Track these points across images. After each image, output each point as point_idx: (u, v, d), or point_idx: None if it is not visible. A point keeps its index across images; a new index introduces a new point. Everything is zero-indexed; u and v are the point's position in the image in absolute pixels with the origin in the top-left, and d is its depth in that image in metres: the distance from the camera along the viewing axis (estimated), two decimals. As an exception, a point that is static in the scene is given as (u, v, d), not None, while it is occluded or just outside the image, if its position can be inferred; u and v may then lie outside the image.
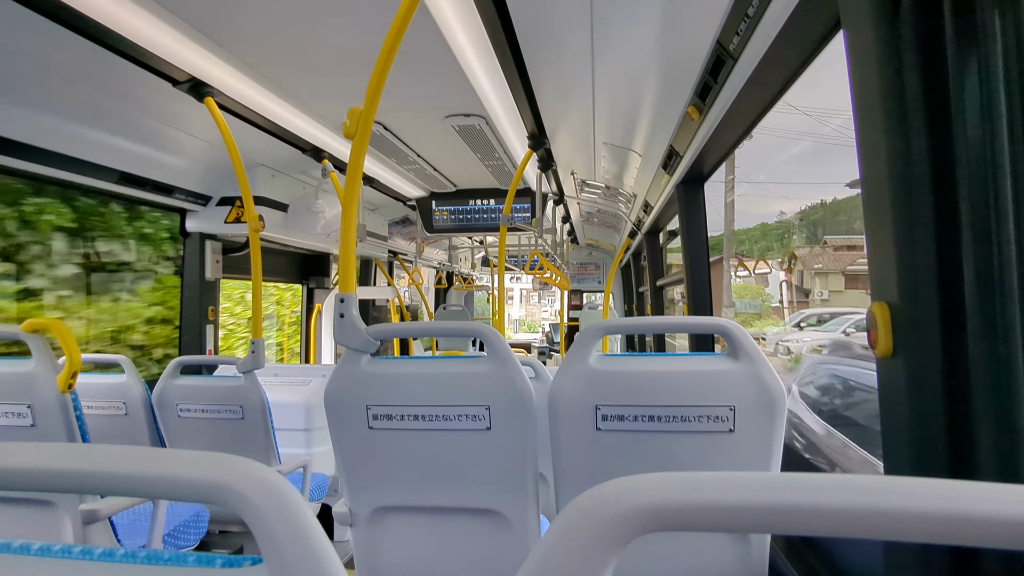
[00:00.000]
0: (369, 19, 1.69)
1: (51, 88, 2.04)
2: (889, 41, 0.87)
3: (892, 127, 0.87)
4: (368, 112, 1.36)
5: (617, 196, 4.27)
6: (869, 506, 0.35)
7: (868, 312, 0.95)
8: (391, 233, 4.93)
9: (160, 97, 2.19)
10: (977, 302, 0.82)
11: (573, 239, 7.23)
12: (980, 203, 0.81)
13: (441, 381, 1.41)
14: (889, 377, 0.93)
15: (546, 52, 1.94)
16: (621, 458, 1.40)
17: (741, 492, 0.37)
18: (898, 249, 0.88)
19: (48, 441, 1.72)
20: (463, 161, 3.35)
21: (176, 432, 2.45)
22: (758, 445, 1.34)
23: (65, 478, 0.43)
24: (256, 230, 2.40)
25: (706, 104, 1.87)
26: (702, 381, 1.35)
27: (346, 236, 1.42)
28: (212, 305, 3.45)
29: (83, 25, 1.64)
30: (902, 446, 0.91)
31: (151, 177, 2.80)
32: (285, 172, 3.42)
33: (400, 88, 2.25)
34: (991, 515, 0.34)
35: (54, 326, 1.68)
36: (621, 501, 0.38)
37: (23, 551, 0.45)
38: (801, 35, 1.28)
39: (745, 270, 15.73)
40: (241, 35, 1.83)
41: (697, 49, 1.69)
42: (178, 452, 0.45)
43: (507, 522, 1.47)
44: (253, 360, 2.34)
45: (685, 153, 2.37)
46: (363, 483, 1.49)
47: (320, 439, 3.12)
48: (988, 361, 0.81)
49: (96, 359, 2.55)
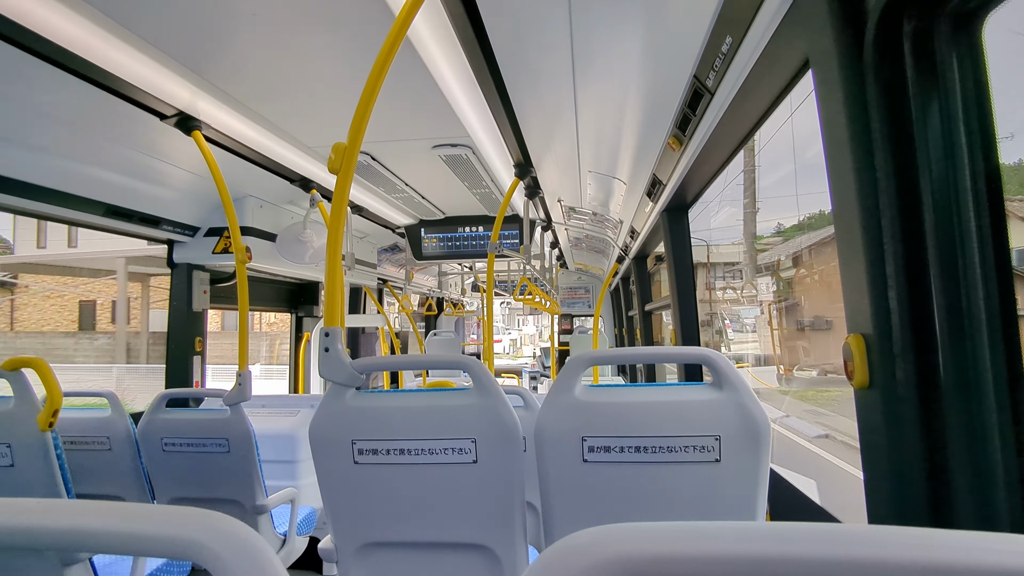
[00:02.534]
0: (355, 53, 1.72)
1: (37, 123, 2.05)
2: (854, 82, 0.90)
3: (860, 163, 0.90)
4: (352, 146, 1.37)
5: (604, 222, 4.31)
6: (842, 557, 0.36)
7: (844, 344, 0.96)
8: (380, 260, 4.93)
9: (147, 130, 2.21)
10: (948, 331, 0.84)
11: (562, 264, 7.27)
12: (946, 233, 0.84)
13: (427, 415, 1.40)
14: (866, 408, 0.94)
15: (529, 83, 1.97)
16: (608, 489, 1.39)
17: (711, 543, 0.38)
18: (871, 281, 0.90)
19: (27, 480, 1.69)
20: (451, 189, 3.38)
21: (160, 467, 2.41)
22: (744, 474, 1.34)
23: (29, 536, 0.43)
24: (243, 261, 2.40)
25: (686, 135, 1.91)
26: (687, 411, 1.35)
27: (332, 269, 1.43)
28: (199, 336, 3.43)
29: (69, 62, 1.66)
30: (882, 474, 0.92)
31: (138, 209, 2.80)
32: (273, 202, 3.43)
33: (387, 119, 2.28)
34: (966, 565, 0.35)
35: (35, 364, 1.66)
36: (593, 552, 0.38)
37: None
38: (773, 72, 1.31)
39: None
40: (228, 70, 1.86)
41: (675, 82, 1.73)
42: (149, 507, 0.45)
43: (495, 557, 1.45)
44: (239, 392, 2.32)
45: (668, 181, 2.41)
46: (349, 519, 1.48)
47: (308, 470, 3.08)
48: (960, 388, 0.83)
49: (80, 393, 2.52)
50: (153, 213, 2.92)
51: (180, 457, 2.37)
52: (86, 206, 2.54)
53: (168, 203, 2.97)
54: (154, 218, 2.93)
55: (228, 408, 2.33)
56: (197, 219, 3.24)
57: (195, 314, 3.39)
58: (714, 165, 2.06)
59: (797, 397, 12.01)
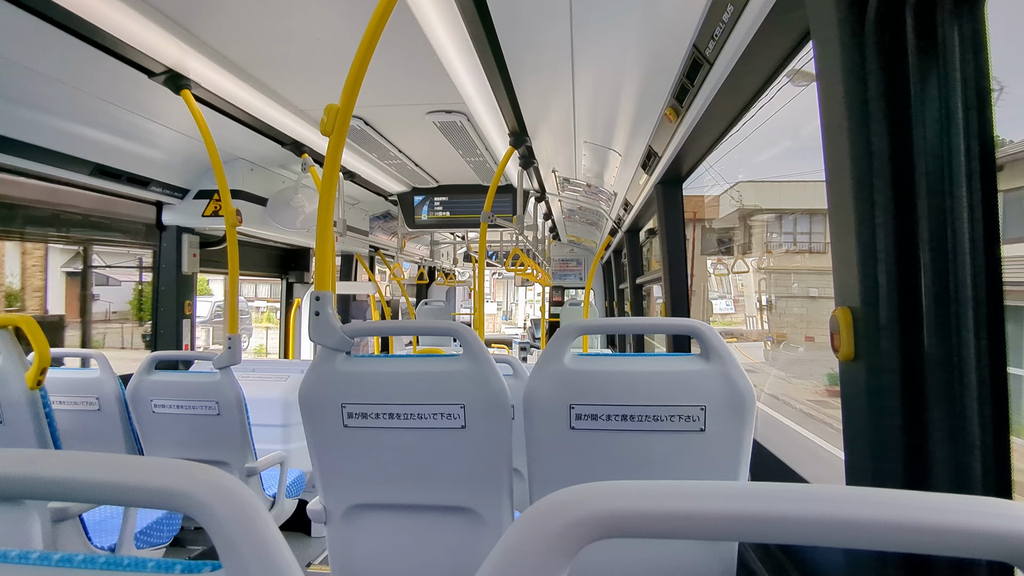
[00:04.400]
0: (349, 13, 1.68)
1: (24, 78, 2.00)
2: (855, 52, 0.89)
3: (856, 135, 0.89)
4: (346, 109, 1.35)
5: (598, 194, 4.29)
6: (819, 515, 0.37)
7: (832, 316, 0.97)
8: (372, 228, 4.90)
9: (136, 88, 2.16)
10: (934, 307, 0.85)
11: (555, 235, 7.25)
12: (937, 211, 0.84)
13: (417, 380, 1.41)
14: (850, 380, 0.96)
15: (526, 51, 1.94)
16: (594, 456, 1.42)
17: (688, 501, 0.39)
18: (860, 255, 0.90)
19: (16, 438, 1.70)
20: (445, 157, 3.35)
21: (150, 428, 2.42)
22: (728, 444, 1.37)
23: (24, 484, 0.43)
24: (233, 225, 2.38)
25: (683, 106, 1.89)
26: (674, 381, 1.37)
27: (323, 233, 1.42)
28: (188, 299, 3.41)
29: (56, 15, 1.61)
30: (862, 444, 0.94)
31: (126, 169, 2.75)
32: (264, 166, 3.38)
33: (381, 84, 2.24)
34: (934, 524, 0.36)
35: (23, 321, 1.65)
36: (573, 509, 0.39)
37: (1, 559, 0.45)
38: (773, 42, 1.30)
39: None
40: (219, 27, 1.81)
41: (674, 52, 1.71)
42: (135, 459, 0.45)
43: (481, 519, 1.48)
44: (230, 356, 2.32)
45: (663, 154, 2.39)
46: (337, 481, 1.50)
47: (297, 435, 3.10)
48: (943, 363, 0.85)
49: (69, 353, 2.51)
50: (142, 174, 2.87)
51: (170, 419, 2.38)
52: (73, 164, 2.49)
53: (157, 164, 2.93)
54: (143, 179, 2.89)
55: (218, 371, 2.33)
56: (187, 181, 3.20)
57: (185, 277, 3.37)
58: (710, 138, 2.05)
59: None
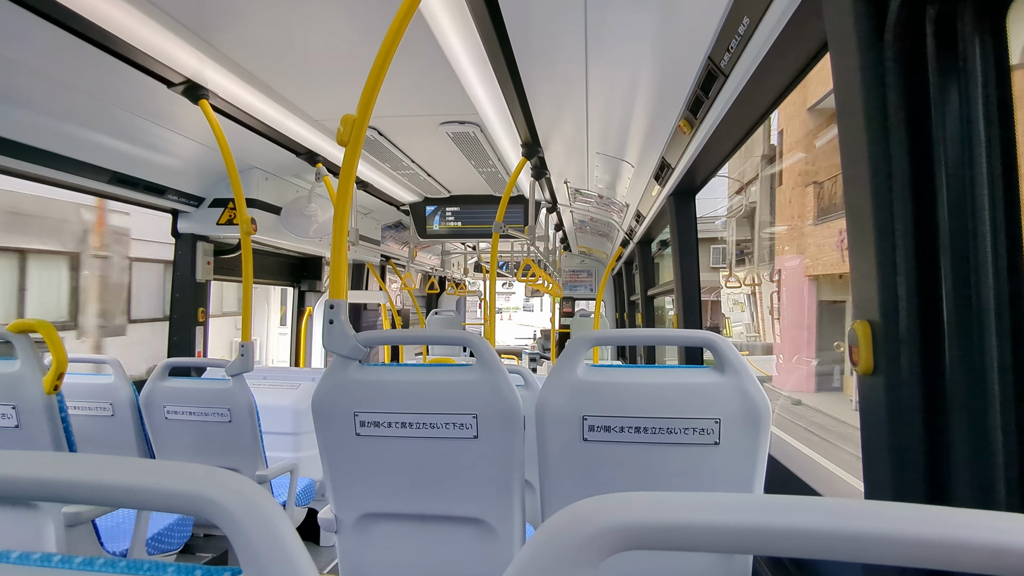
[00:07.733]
0: (366, 25, 1.70)
1: (46, 88, 2.03)
2: (873, 65, 0.88)
3: (875, 149, 0.89)
4: (362, 119, 1.37)
5: (610, 205, 4.29)
6: (839, 529, 0.36)
7: (850, 330, 0.96)
8: (384, 237, 4.92)
9: (154, 98, 2.19)
10: (955, 320, 0.84)
11: (566, 246, 7.25)
12: (959, 224, 0.83)
13: (429, 389, 1.41)
14: (870, 394, 0.94)
15: (540, 62, 1.95)
16: (607, 469, 1.40)
17: (713, 513, 0.38)
18: (880, 268, 0.89)
19: (32, 442, 1.71)
20: (457, 167, 3.37)
21: (163, 434, 2.43)
22: (743, 458, 1.35)
23: (43, 487, 0.43)
24: (248, 233, 2.40)
25: (697, 118, 1.89)
26: (688, 393, 1.36)
27: (337, 242, 1.43)
28: (202, 307, 3.44)
29: (78, 26, 1.64)
30: (882, 458, 0.93)
31: (143, 178, 2.79)
32: (279, 175, 3.42)
33: (395, 94, 2.25)
34: (956, 540, 0.35)
35: (41, 326, 1.67)
36: (595, 520, 0.39)
37: (2, 559, 0.45)
38: (789, 55, 1.30)
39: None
40: (237, 39, 1.84)
41: (689, 64, 1.71)
42: (158, 463, 0.45)
43: (492, 531, 1.47)
44: (242, 363, 2.33)
45: (677, 165, 2.39)
46: (349, 489, 1.49)
47: (308, 443, 3.11)
48: (965, 378, 0.83)
49: (84, 359, 2.54)
50: (159, 182, 2.91)
51: (182, 425, 2.39)
52: (93, 173, 2.53)
53: (173, 172, 2.96)
54: (159, 187, 2.93)
55: (230, 379, 2.35)
56: (202, 189, 3.23)
57: (198, 284, 3.40)
58: (724, 149, 2.05)
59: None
